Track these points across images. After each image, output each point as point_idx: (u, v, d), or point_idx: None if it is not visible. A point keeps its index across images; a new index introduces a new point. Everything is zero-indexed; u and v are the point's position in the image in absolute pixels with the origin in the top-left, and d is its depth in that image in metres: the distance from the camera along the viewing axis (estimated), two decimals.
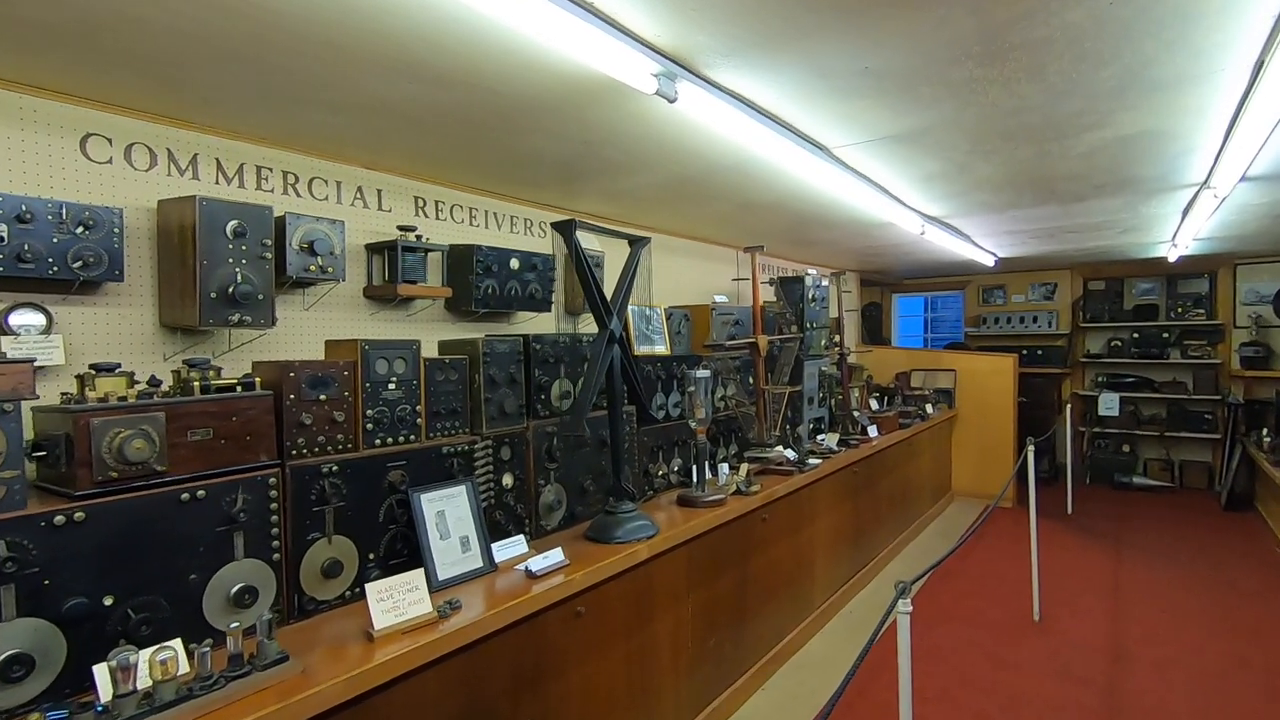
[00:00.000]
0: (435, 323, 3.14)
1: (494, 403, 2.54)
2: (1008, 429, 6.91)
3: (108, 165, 2.16)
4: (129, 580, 1.61)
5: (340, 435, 2.07)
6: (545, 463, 2.72)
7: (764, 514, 3.47)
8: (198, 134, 2.35)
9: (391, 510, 2.17)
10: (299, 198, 2.64)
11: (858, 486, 4.68)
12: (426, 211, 3.13)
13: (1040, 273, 8.40)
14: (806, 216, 4.41)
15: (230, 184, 2.45)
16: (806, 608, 3.94)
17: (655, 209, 4.02)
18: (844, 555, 4.46)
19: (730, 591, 3.20)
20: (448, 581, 2.17)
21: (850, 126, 2.58)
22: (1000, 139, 2.78)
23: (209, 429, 1.77)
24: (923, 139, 2.76)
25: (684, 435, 3.53)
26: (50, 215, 1.89)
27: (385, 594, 1.86)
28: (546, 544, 2.57)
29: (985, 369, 7.07)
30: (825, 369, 4.83)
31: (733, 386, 3.96)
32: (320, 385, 2.03)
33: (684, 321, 3.81)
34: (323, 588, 1.99)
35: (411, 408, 2.27)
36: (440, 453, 2.32)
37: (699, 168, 3.13)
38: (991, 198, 3.94)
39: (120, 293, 2.16)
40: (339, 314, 2.77)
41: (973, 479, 7.13)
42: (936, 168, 3.21)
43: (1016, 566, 5.03)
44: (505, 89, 2.12)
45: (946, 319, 10.49)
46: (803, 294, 4.68)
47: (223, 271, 2.12)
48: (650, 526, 2.69)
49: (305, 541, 1.95)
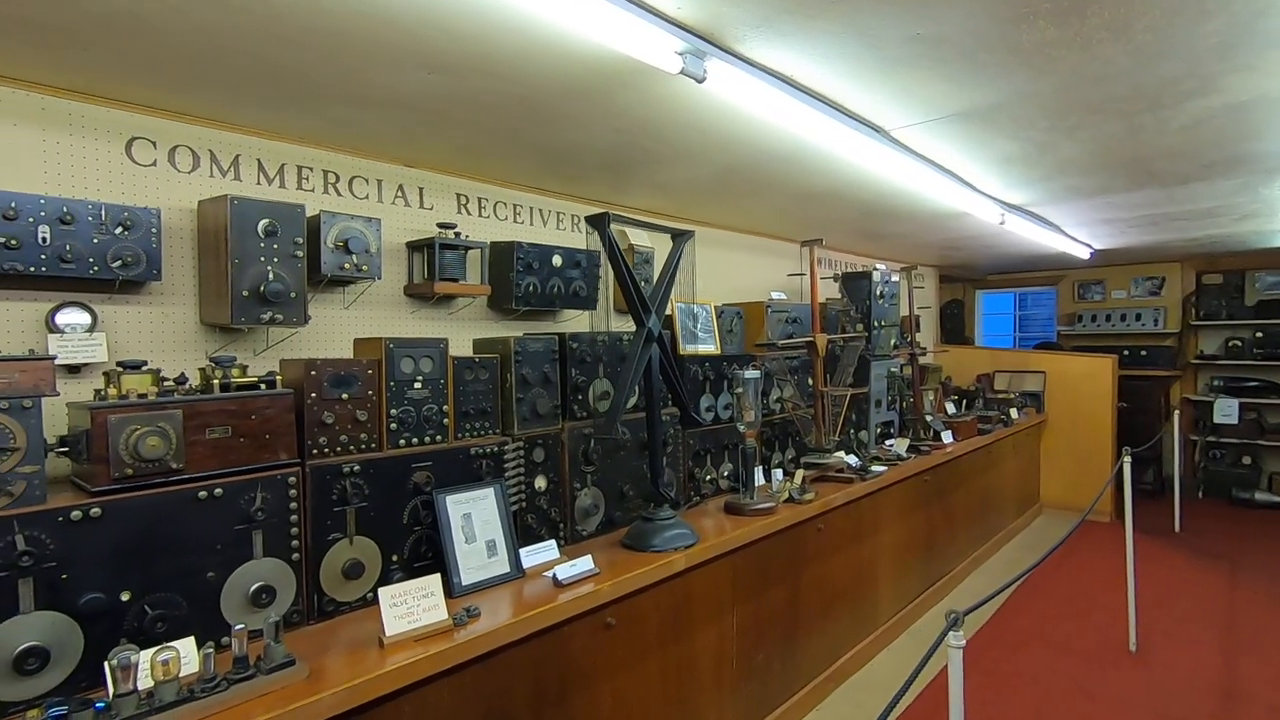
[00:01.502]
0: (476, 321, 3.11)
1: (526, 403, 2.47)
2: (1105, 436, 6.34)
3: (152, 168, 2.21)
4: (146, 577, 1.62)
5: (363, 435, 2.05)
6: (581, 466, 2.63)
7: (819, 523, 3.26)
8: (239, 135, 2.39)
9: (416, 512, 2.13)
10: (339, 197, 2.66)
11: (929, 496, 4.36)
12: (469, 209, 3.10)
13: (1144, 265, 7.68)
14: (871, 208, 4.15)
15: (271, 184, 2.48)
16: (868, 624, 3.69)
17: (706, 202, 3.87)
18: (913, 569, 4.16)
19: (781, 605, 3.01)
20: (471, 587, 2.11)
21: (908, 104, 2.36)
22: (1084, 112, 2.48)
23: (227, 427, 1.77)
24: (993, 116, 2.49)
25: (734, 439, 3.37)
26: (90, 216, 1.95)
27: (399, 599, 1.81)
28: (581, 550, 2.48)
29: (1079, 371, 6.51)
30: (895, 370, 4.54)
31: (789, 388, 3.75)
32: (343, 384, 2.01)
33: (736, 319, 3.64)
34: (343, 589, 1.96)
35: (438, 407, 2.22)
36: (468, 454, 2.27)
37: (746, 156, 2.96)
38: (1080, 182, 3.57)
39: (162, 292, 2.22)
40: (379, 312, 2.77)
41: (1064, 490, 6.58)
42: (1013, 149, 2.91)
43: (1111, 588, 4.58)
44: (522, 75, 2.04)
45: (1037, 317, 9.79)
46: (870, 290, 4.41)
47: (254, 270, 2.13)
48: (689, 535, 2.55)
49: (326, 542, 1.93)
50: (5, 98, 1.95)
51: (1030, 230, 4.82)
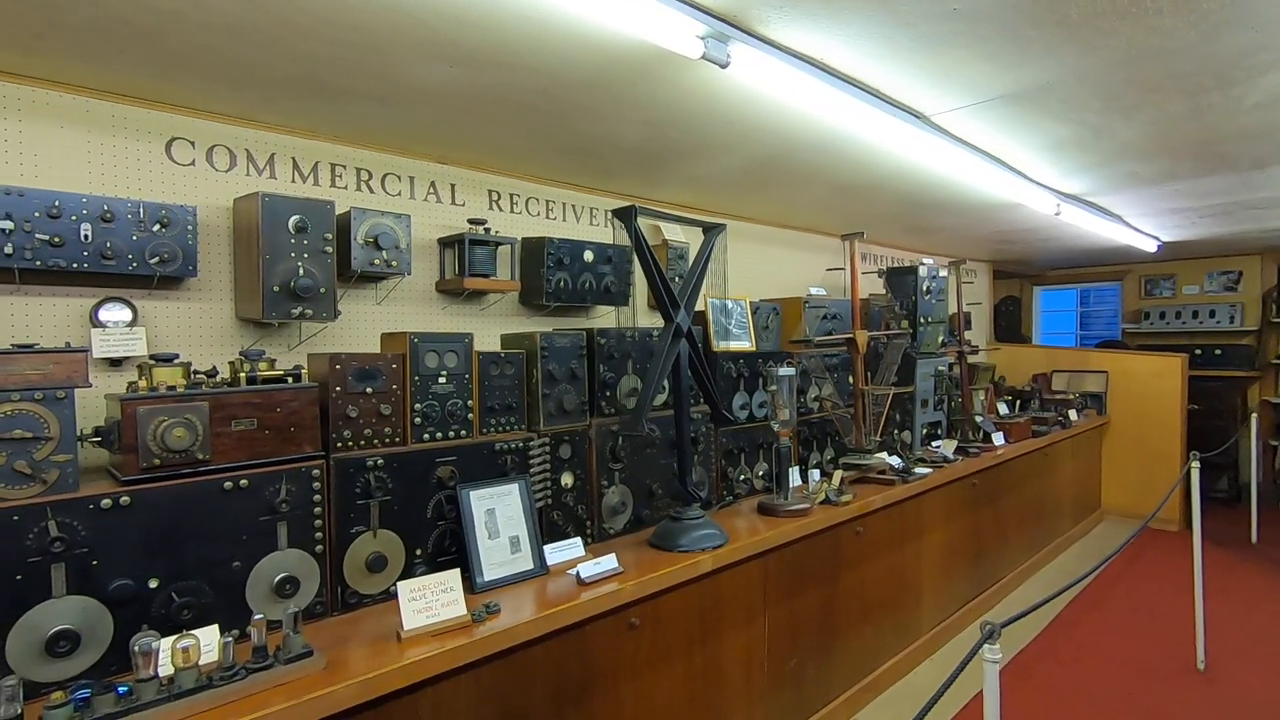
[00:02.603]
0: (508, 317, 3.11)
1: (552, 399, 2.45)
2: (1173, 440, 5.97)
3: (190, 167, 2.27)
4: (173, 564, 1.66)
5: (387, 429, 2.06)
6: (609, 463, 2.60)
7: (858, 526, 3.15)
8: (274, 134, 2.44)
9: (440, 506, 2.13)
10: (372, 194, 2.69)
11: (978, 500, 4.18)
12: (500, 205, 3.11)
13: (1219, 259, 7.21)
14: (915, 199, 3.99)
15: (305, 182, 2.52)
16: (910, 633, 3.55)
17: (741, 195, 3.78)
18: (960, 576, 3.99)
19: (815, 609, 2.92)
20: (494, 582, 2.10)
21: (948, 86, 2.24)
22: (1142, 91, 2.31)
23: (253, 419, 1.80)
24: (1042, 98, 2.35)
25: (769, 438, 3.28)
26: (129, 214, 2.01)
27: (418, 593, 1.81)
28: (607, 548, 2.45)
29: (1145, 371, 6.15)
30: (943, 369, 4.36)
31: (827, 386, 3.64)
32: (367, 378, 2.02)
33: (772, 315, 3.56)
34: (366, 582, 1.98)
35: (463, 402, 2.22)
36: (493, 449, 2.26)
37: (779, 147, 2.88)
38: (1141, 168, 3.35)
39: (200, 288, 2.28)
40: (411, 308, 2.80)
41: (1128, 496, 6.23)
42: (1066, 133, 2.75)
43: (1178, 601, 4.30)
44: (541, 66, 2.01)
45: (1101, 314, 9.31)
46: (915, 285, 4.26)
47: (284, 266, 2.17)
48: (718, 535, 2.49)
49: (349, 534, 1.94)
50: (52, 101, 2.03)
51: (1089, 221, 4.57)
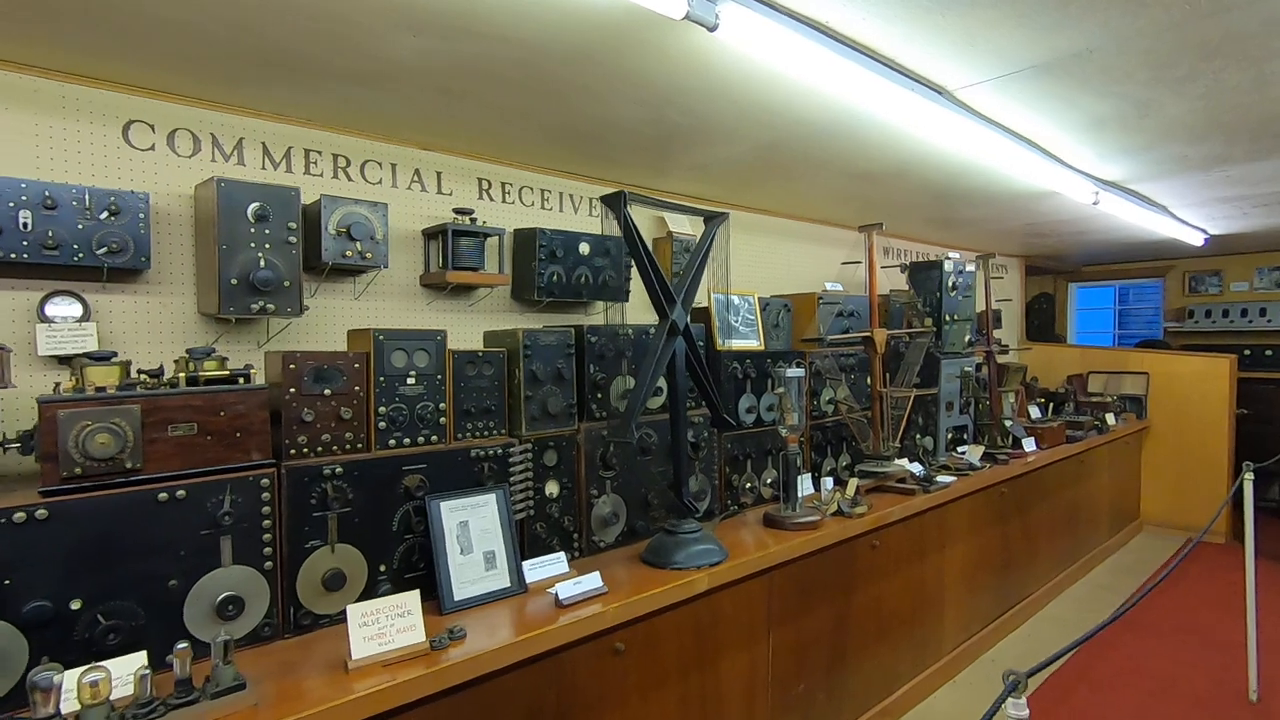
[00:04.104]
0: (498, 313, 2.93)
1: (536, 401, 2.26)
2: (1220, 447, 5.60)
3: (149, 152, 2.13)
4: (99, 584, 1.50)
5: (348, 434, 1.89)
6: (600, 471, 2.41)
7: (873, 540, 2.92)
8: (242, 117, 2.29)
9: (407, 518, 1.96)
10: (350, 182, 2.53)
11: (1006, 510, 3.91)
12: (491, 194, 2.93)
13: (1270, 254, 6.78)
14: (940, 188, 3.73)
15: (277, 168, 2.37)
16: (931, 653, 3.31)
17: (752, 184, 3.56)
18: (985, 592, 3.73)
19: (826, 629, 2.70)
20: (464, 603, 1.92)
21: (972, 55, 2.00)
22: (1196, 58, 2.04)
23: (192, 424, 1.64)
24: (1079, 68, 2.10)
25: (777, 443, 3.06)
26: (74, 201, 1.86)
27: (370, 618, 1.63)
28: (595, 563, 2.27)
29: (1189, 372, 5.79)
30: (969, 369, 4.09)
31: (842, 389, 3.41)
32: (325, 379, 1.85)
33: (783, 312, 3.33)
34: (323, 601, 1.81)
35: (435, 405, 2.04)
36: (468, 456, 2.08)
37: (788, 129, 2.65)
38: (1190, 150, 3.05)
39: (159, 281, 2.13)
40: (392, 303, 2.64)
41: (1169, 506, 5.87)
42: (1106, 110, 2.48)
43: (1227, 622, 3.99)
44: (517, 35, 1.82)
45: (1140, 313, 8.87)
46: (940, 281, 3.99)
47: (244, 257, 2.01)
48: (716, 551, 2.29)
49: (304, 550, 1.78)
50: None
51: (1130, 212, 4.25)
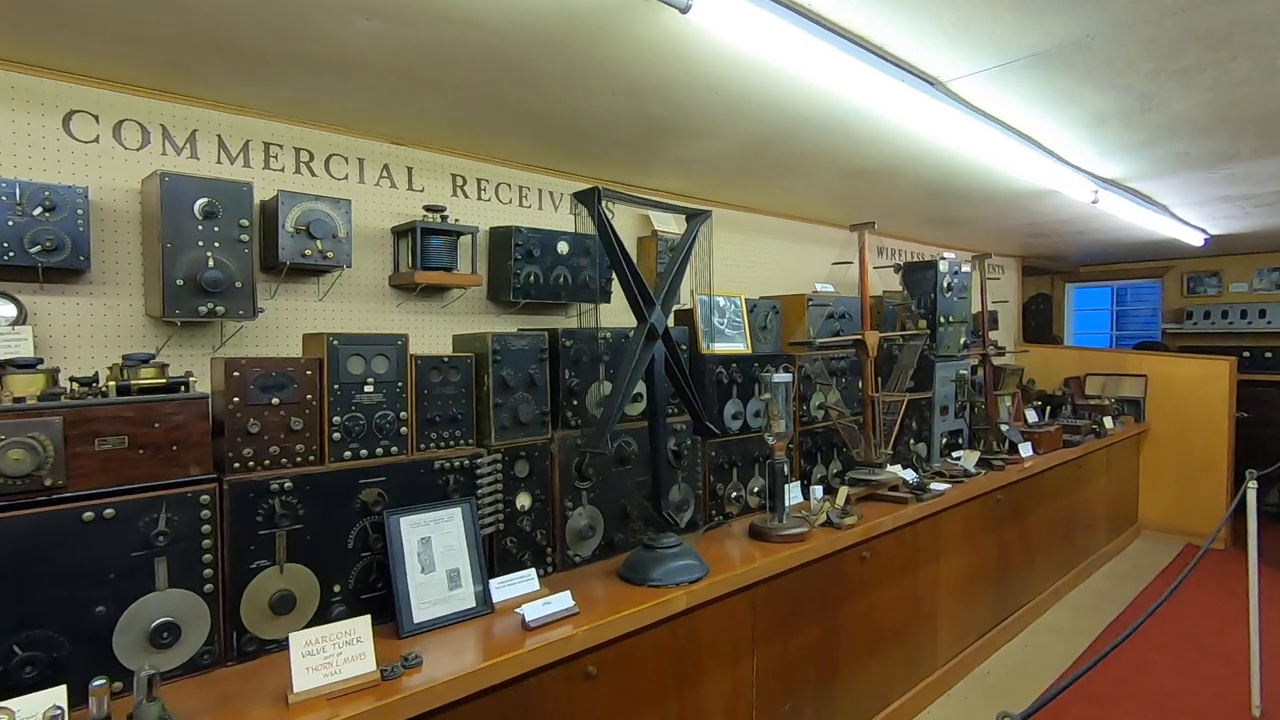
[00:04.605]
0: (473, 315, 2.81)
1: (506, 409, 2.14)
2: (1219, 450, 5.50)
3: (93, 144, 2.00)
4: (15, 611, 1.38)
5: (299, 446, 1.76)
6: (575, 481, 2.29)
7: (864, 551, 2.80)
8: (195, 108, 2.16)
9: (364, 535, 1.84)
10: (314, 177, 2.40)
11: (1002, 517, 3.80)
12: (466, 191, 2.80)
13: (1270, 254, 6.69)
14: (935, 186, 3.62)
15: (234, 163, 2.24)
16: (924, 667, 3.20)
17: (740, 182, 3.44)
18: (980, 602, 3.62)
19: (814, 645, 2.59)
20: (424, 625, 1.80)
21: (966, 43, 1.89)
22: (1203, 48, 1.93)
23: (123, 437, 1.51)
24: (1080, 57, 1.98)
25: (765, 450, 2.95)
26: (3, 196, 1.74)
27: (315, 646, 1.51)
28: (569, 579, 2.15)
29: (1188, 375, 5.69)
30: (965, 372, 3.98)
31: (833, 394, 3.29)
32: (274, 387, 1.73)
33: (771, 314, 3.21)
34: (270, 625, 1.69)
35: (395, 414, 1.92)
36: (431, 468, 1.96)
37: (777, 124, 2.53)
38: (1194, 147, 2.94)
39: (104, 281, 2.01)
40: (359, 305, 2.51)
41: (1167, 510, 5.77)
42: (1107, 104, 2.37)
43: (1228, 632, 3.88)
44: (481, 18, 1.70)
45: (1139, 314, 8.77)
46: (935, 282, 3.88)
47: (190, 256, 1.89)
48: (697, 566, 2.17)
49: (249, 571, 1.66)
50: None
51: (1130, 211, 4.14)
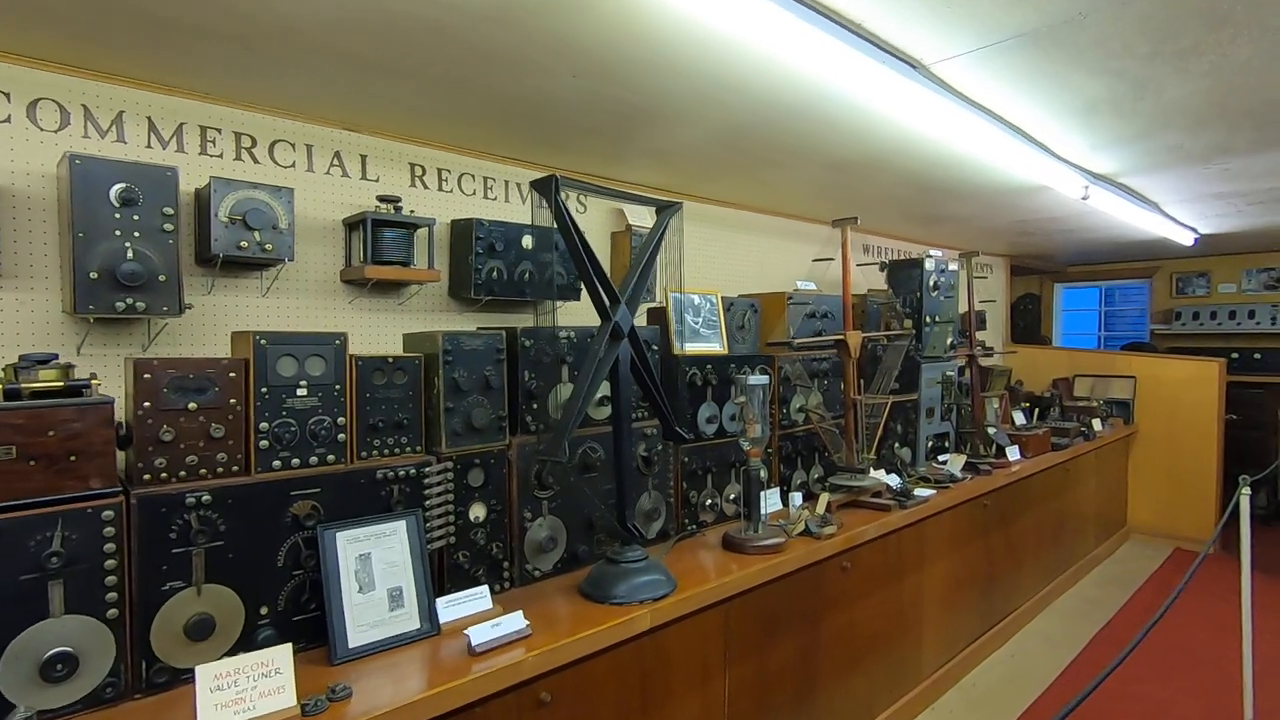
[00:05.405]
0: (433, 313, 2.66)
1: (458, 414, 1.99)
2: (1209, 453, 5.42)
3: (4, 125, 1.84)
4: None
5: (221, 455, 1.61)
6: (535, 490, 2.14)
7: (844, 561, 2.67)
8: (121, 87, 2.00)
9: (296, 552, 1.68)
10: (257, 164, 2.24)
11: (989, 523, 3.68)
12: (425, 181, 2.65)
13: (1259, 254, 6.62)
14: (922, 181, 3.49)
15: (166, 147, 2.08)
16: (909, 679, 3.07)
17: (719, 174, 3.30)
18: (967, 611, 3.50)
19: (791, 661, 2.45)
20: (360, 650, 1.65)
21: (951, 20, 1.75)
22: (1203, 28, 1.80)
23: (9, 447, 1.35)
24: (1071, 38, 1.85)
25: (742, 456, 2.81)
26: None
27: (226, 680, 1.36)
28: (527, 595, 2.02)
29: (1177, 376, 5.60)
30: (951, 374, 3.86)
31: (814, 396, 3.16)
32: (191, 390, 1.57)
33: (750, 313, 3.08)
34: (187, 653, 1.53)
35: (332, 420, 1.76)
36: (373, 478, 1.81)
37: (752, 111, 2.39)
38: (1188, 139, 2.82)
39: (15, 275, 1.84)
40: (307, 301, 2.35)
41: (1157, 513, 5.69)
42: (1099, 90, 2.24)
43: (1220, 639, 3.79)
44: None
45: (1126, 314, 8.70)
46: (921, 280, 3.76)
47: (106, 246, 1.73)
48: (664, 582, 2.03)
49: (161, 593, 1.50)
50: None
51: (1120, 209, 4.04)
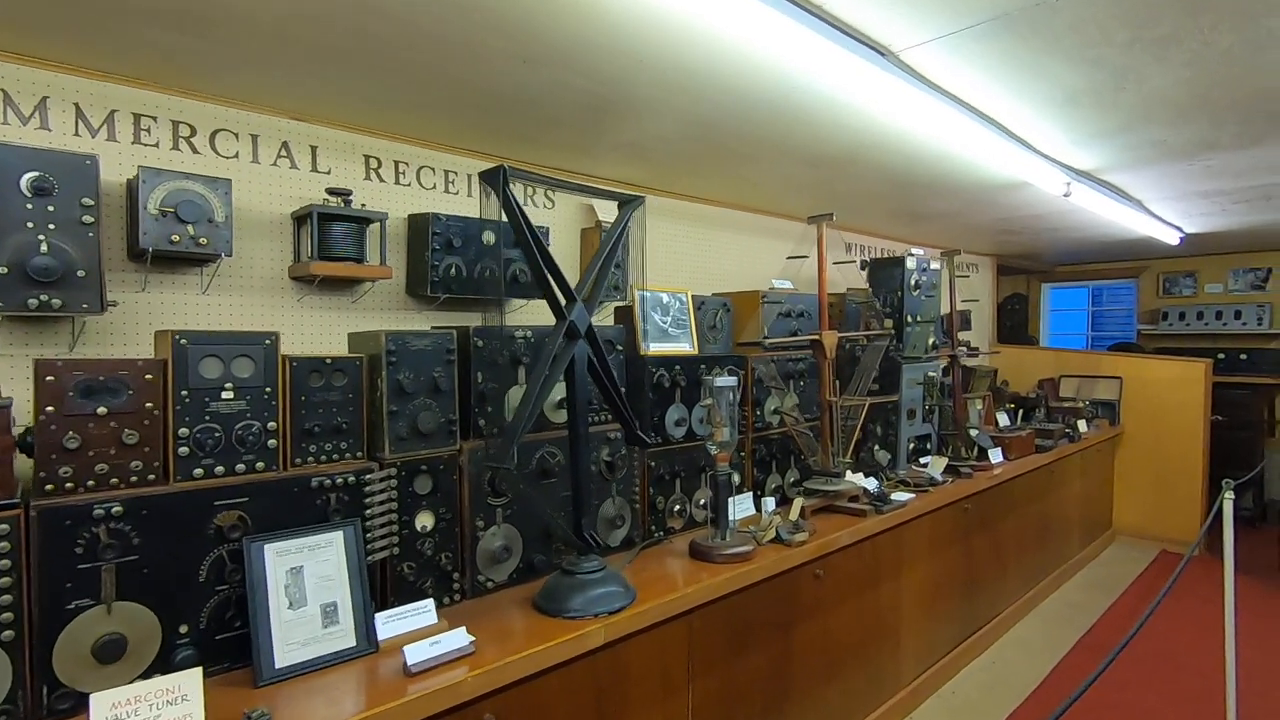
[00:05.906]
0: (388, 311, 2.55)
1: (403, 418, 1.89)
2: (1195, 454, 5.37)
3: None
4: None
5: (135, 463, 1.50)
6: (488, 498, 2.04)
7: (817, 568, 2.58)
8: (44, 70, 1.88)
9: (220, 566, 1.58)
10: (196, 154, 2.13)
11: (970, 527, 3.60)
12: (381, 174, 2.54)
13: (1246, 254, 6.58)
14: (901, 177, 3.40)
15: (96, 135, 1.96)
16: (886, 689, 2.99)
17: (697, 171, 3.20)
18: (948, 616, 3.42)
19: (762, 674, 2.36)
20: (288, 671, 1.55)
21: (918, 3, 1.65)
22: (1182, 12, 1.72)
23: None
24: (1047, 23, 1.76)
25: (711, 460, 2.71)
26: None
27: (126, 708, 1.26)
28: (478, 608, 1.92)
29: (1163, 377, 5.55)
30: (933, 374, 3.78)
31: (789, 398, 3.07)
32: (101, 394, 1.46)
33: (722, 312, 2.98)
34: (95, 676, 1.42)
35: (261, 425, 1.66)
36: (307, 486, 1.70)
37: (721, 103, 2.30)
38: (1171, 134, 2.74)
39: None
40: (251, 299, 2.24)
41: (1142, 515, 5.64)
42: (1078, 80, 2.15)
43: (1203, 643, 3.73)
44: None
45: (1114, 315, 8.67)
46: (902, 279, 3.67)
47: (17, 239, 1.61)
48: (620, 594, 1.93)
49: (65, 613, 1.39)
50: None
51: (1104, 206, 3.97)
